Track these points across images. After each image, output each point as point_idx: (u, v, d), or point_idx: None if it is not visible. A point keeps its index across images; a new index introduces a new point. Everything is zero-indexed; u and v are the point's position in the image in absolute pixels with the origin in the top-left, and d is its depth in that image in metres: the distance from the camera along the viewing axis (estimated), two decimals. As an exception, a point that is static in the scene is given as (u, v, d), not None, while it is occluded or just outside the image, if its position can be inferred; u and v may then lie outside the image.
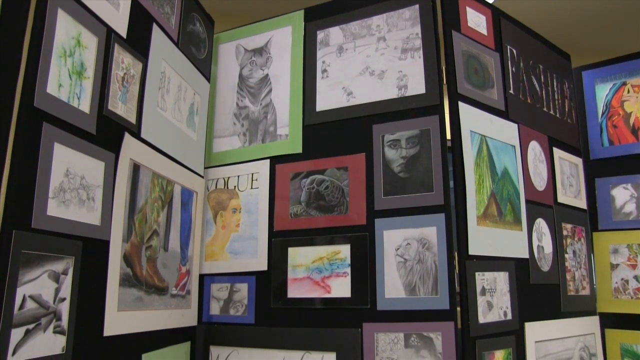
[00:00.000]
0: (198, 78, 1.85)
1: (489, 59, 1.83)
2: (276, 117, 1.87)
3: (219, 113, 1.97)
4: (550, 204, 1.92)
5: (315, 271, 1.67)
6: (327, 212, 1.70)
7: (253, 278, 1.74)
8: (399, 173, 1.63)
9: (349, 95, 1.77)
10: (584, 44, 3.90)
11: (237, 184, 1.85)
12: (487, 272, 1.60)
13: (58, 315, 1.12)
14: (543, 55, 2.10)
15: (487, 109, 1.76)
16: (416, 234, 1.56)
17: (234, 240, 1.81)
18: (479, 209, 1.63)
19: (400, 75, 1.72)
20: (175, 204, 1.65)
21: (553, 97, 2.10)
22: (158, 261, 1.53)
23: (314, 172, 1.75)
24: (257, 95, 1.93)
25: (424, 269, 1.53)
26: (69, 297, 1.15)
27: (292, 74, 1.87)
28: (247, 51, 1.99)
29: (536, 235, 1.82)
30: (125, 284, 1.36)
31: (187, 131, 1.76)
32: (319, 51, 1.86)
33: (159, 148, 1.55)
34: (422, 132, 1.64)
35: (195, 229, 1.77)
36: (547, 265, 1.84)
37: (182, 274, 1.67)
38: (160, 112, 1.58)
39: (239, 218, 1.82)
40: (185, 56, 1.76)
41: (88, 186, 1.22)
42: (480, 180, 1.66)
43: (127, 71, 1.40)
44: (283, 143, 1.82)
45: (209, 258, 1.82)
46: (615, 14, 3.73)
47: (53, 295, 1.10)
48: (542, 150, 1.95)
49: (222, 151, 1.92)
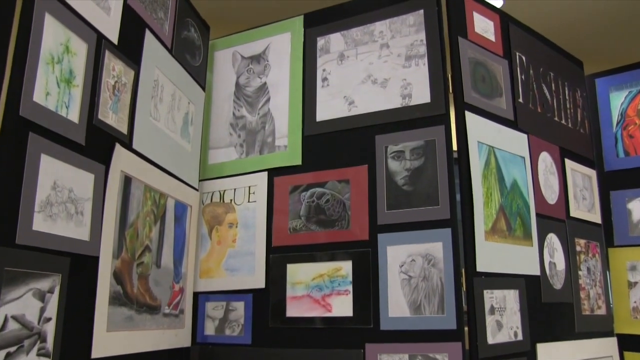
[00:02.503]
0: (193, 86, 1.86)
1: (497, 66, 1.83)
2: (274, 128, 1.87)
3: (214, 123, 1.97)
4: (562, 218, 1.92)
5: (315, 289, 1.66)
6: (328, 227, 1.70)
7: (250, 296, 1.73)
8: (403, 186, 1.63)
9: (351, 105, 1.77)
10: (598, 50, 3.91)
11: (234, 198, 1.85)
12: (496, 290, 1.59)
13: (43, 336, 1.11)
14: (554, 62, 2.10)
15: (495, 118, 1.76)
16: (421, 249, 1.56)
17: (230, 256, 1.80)
18: (487, 224, 1.62)
19: (404, 84, 1.72)
20: (168, 219, 1.65)
21: (565, 105, 2.10)
22: (150, 278, 1.52)
23: (314, 185, 1.75)
24: (254, 105, 1.93)
25: (430, 286, 1.53)
26: (55, 317, 1.14)
27: (291, 82, 1.88)
28: (244, 58, 1.99)
29: (547, 251, 1.81)
30: (115, 303, 1.36)
31: (181, 142, 1.76)
32: (319, 58, 1.86)
33: (151, 160, 1.55)
34: (427, 143, 1.63)
35: (189, 245, 1.77)
36: (560, 283, 1.82)
37: (175, 292, 1.66)
38: (153, 122, 1.59)
39: (236, 233, 1.82)
40: (180, 63, 1.77)
41: (76, 199, 1.22)
42: (488, 193, 1.65)
43: (118, 79, 1.40)
44: (281, 154, 1.82)
45: (204, 275, 1.81)
46: (630, 18, 3.74)
47: (38, 315, 1.10)
48: (554, 161, 1.95)
49: (217, 163, 1.92)
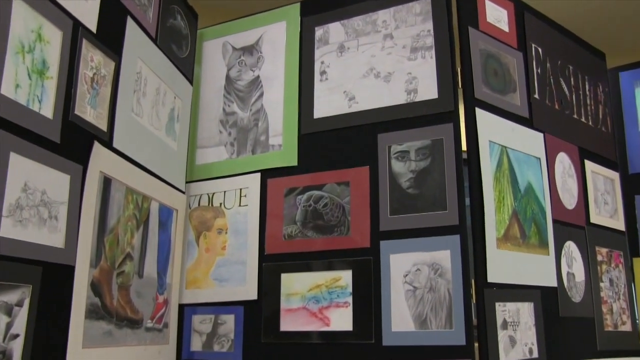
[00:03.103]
0: (179, 80, 1.85)
1: (510, 59, 1.83)
2: (268, 125, 1.87)
3: (203, 120, 1.97)
4: (581, 225, 1.91)
5: (312, 301, 1.66)
6: (326, 233, 1.70)
7: (241, 308, 1.73)
8: (408, 189, 1.63)
9: (351, 101, 1.77)
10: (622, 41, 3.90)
11: (224, 201, 1.85)
12: (509, 303, 1.59)
13: (8, 355, 1.10)
14: (573, 54, 2.10)
15: (509, 116, 1.76)
16: (427, 258, 1.56)
17: (219, 265, 1.80)
18: (499, 230, 1.62)
19: (410, 78, 1.72)
20: (152, 224, 1.64)
21: (585, 102, 2.10)
22: (131, 289, 1.52)
23: (311, 188, 1.75)
24: (246, 100, 1.93)
25: (436, 298, 1.53)
26: (24, 334, 1.13)
27: (287, 75, 1.88)
28: (236, 50, 1.99)
29: (565, 261, 1.80)
30: (93, 316, 1.35)
31: (167, 140, 1.76)
32: (317, 50, 1.86)
33: (133, 159, 1.55)
34: (434, 143, 1.63)
35: (174, 253, 1.77)
36: (579, 296, 1.82)
37: (159, 304, 1.66)
38: (136, 118, 1.58)
39: (225, 240, 1.82)
40: (165, 55, 1.76)
41: (50, 203, 1.22)
42: (501, 197, 1.65)
43: (97, 71, 1.40)
44: (276, 154, 1.82)
45: (191, 285, 1.81)
46: (657, 7, 3.73)
47: (3, 332, 1.09)
48: (572, 163, 1.94)
49: (206, 163, 1.92)
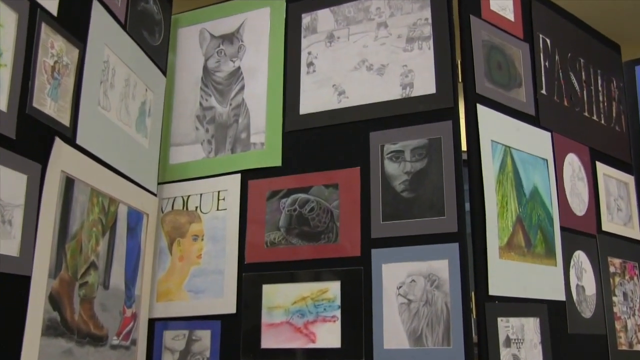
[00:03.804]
0: (151, 70, 1.85)
1: (516, 51, 1.83)
2: (249, 121, 1.87)
3: (177, 115, 1.97)
4: (592, 233, 1.92)
5: (296, 315, 1.66)
6: (312, 241, 1.69)
7: (218, 323, 1.73)
8: (402, 192, 1.63)
9: (341, 95, 1.77)
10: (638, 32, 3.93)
11: (200, 205, 1.85)
12: (513, 318, 1.59)
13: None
14: (585, 46, 2.11)
15: (513, 113, 1.76)
16: (423, 268, 1.56)
17: (194, 275, 1.80)
18: (502, 238, 1.62)
19: (405, 71, 1.72)
20: (119, 229, 1.64)
21: (597, 98, 2.11)
22: (95, 302, 1.51)
23: (296, 191, 1.75)
24: (225, 94, 1.93)
25: (433, 312, 1.53)
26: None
27: (270, 67, 1.88)
28: (214, 38, 1.99)
29: (575, 272, 1.81)
30: (51, 333, 1.33)
31: (137, 137, 1.75)
32: (304, 39, 1.86)
33: (99, 158, 1.54)
34: (431, 142, 1.64)
35: (144, 261, 1.76)
36: (590, 311, 1.83)
37: (127, 318, 1.65)
38: (102, 112, 1.57)
39: (201, 247, 1.82)
40: (135, 42, 1.76)
41: (3, 206, 1.20)
42: (504, 202, 1.65)
43: (58, 59, 1.39)
44: (258, 153, 1.82)
45: (162, 298, 1.80)
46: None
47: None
48: (582, 165, 1.95)
49: (181, 163, 1.92)
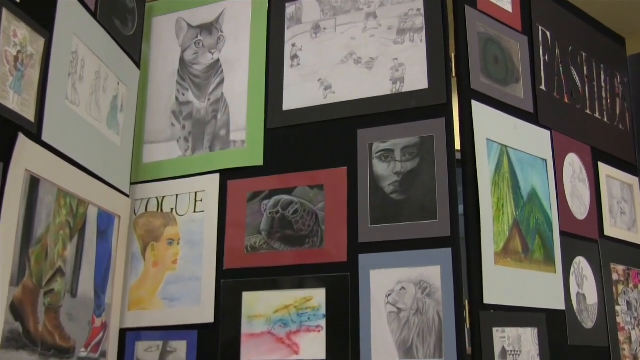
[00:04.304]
0: (124, 62, 1.84)
1: (513, 44, 1.84)
2: (229, 117, 1.87)
3: (152, 110, 1.97)
4: (594, 238, 1.93)
5: (278, 324, 1.66)
6: (296, 245, 1.70)
7: (194, 334, 1.73)
8: (392, 194, 1.63)
9: (327, 90, 1.77)
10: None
11: (175, 206, 1.85)
12: (509, 328, 1.60)
13: None
14: (587, 39, 2.12)
15: (510, 110, 1.77)
16: (414, 275, 1.56)
17: (169, 282, 1.80)
18: (498, 243, 1.63)
19: (396, 65, 1.72)
20: (89, 233, 1.63)
21: (600, 94, 2.12)
22: (62, 312, 1.49)
23: (279, 192, 1.75)
24: (203, 88, 1.93)
25: (424, 322, 1.53)
26: None
27: (252, 60, 1.88)
28: (192, 27, 1.99)
29: (575, 280, 1.82)
30: (12, 345, 1.32)
31: (108, 133, 1.74)
32: (288, 30, 1.86)
33: (67, 155, 1.53)
34: (422, 141, 1.64)
35: (115, 267, 1.75)
36: (591, 321, 1.83)
37: (96, 328, 1.64)
38: (70, 106, 1.57)
39: (177, 252, 1.81)
40: (106, 31, 1.75)
41: (-38, 207, 1.20)
42: (500, 204, 1.66)
43: (22, 49, 1.38)
44: (238, 152, 1.82)
45: (135, 306, 1.80)
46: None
47: None
48: (584, 165, 1.96)
49: (155, 161, 1.91)
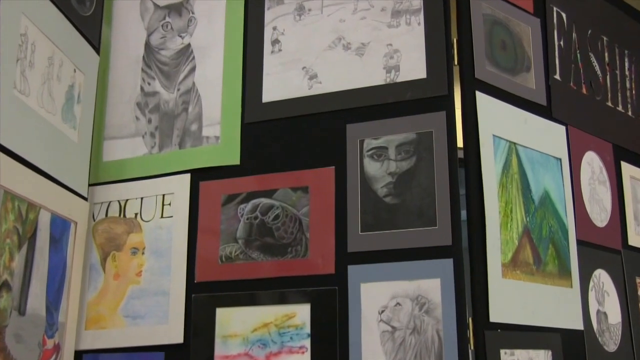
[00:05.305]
0: (81, 46, 1.84)
1: (524, 28, 1.85)
2: (201, 110, 1.87)
3: (113, 102, 1.97)
4: (616, 248, 1.94)
5: (257, 344, 1.66)
6: (277, 255, 1.70)
7: (161, 355, 1.73)
8: (386, 197, 1.64)
9: (313, 80, 1.78)
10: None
11: (140, 211, 1.85)
12: (519, 350, 1.60)
13: None
14: (609, 21, 2.12)
15: (520, 102, 1.77)
16: (410, 289, 1.56)
17: (132, 296, 1.79)
18: (506, 254, 1.63)
19: (390, 51, 1.73)
20: (40, 241, 1.62)
21: (623, 85, 2.12)
22: (8, 332, 1.49)
23: (258, 194, 1.75)
24: (172, 77, 1.93)
25: (422, 342, 1.53)
26: None
27: (227, 45, 1.88)
28: (159, 8, 1.99)
29: (595, 295, 1.82)
30: (-50, 367, 1.33)
31: (63, 128, 1.74)
32: (269, 11, 1.87)
33: (16, 153, 1.53)
34: (420, 137, 1.64)
35: (71, 280, 1.75)
36: (614, 343, 1.84)
37: (47, 350, 1.64)
38: (19, 96, 1.56)
39: (142, 262, 1.81)
40: (61, 11, 1.74)
41: None
42: (508, 209, 1.66)
43: (-37, 33, 1.38)
44: (211, 149, 1.82)
45: (93, 325, 1.80)
46: None
47: None
48: (604, 165, 1.97)
49: (117, 160, 1.91)
